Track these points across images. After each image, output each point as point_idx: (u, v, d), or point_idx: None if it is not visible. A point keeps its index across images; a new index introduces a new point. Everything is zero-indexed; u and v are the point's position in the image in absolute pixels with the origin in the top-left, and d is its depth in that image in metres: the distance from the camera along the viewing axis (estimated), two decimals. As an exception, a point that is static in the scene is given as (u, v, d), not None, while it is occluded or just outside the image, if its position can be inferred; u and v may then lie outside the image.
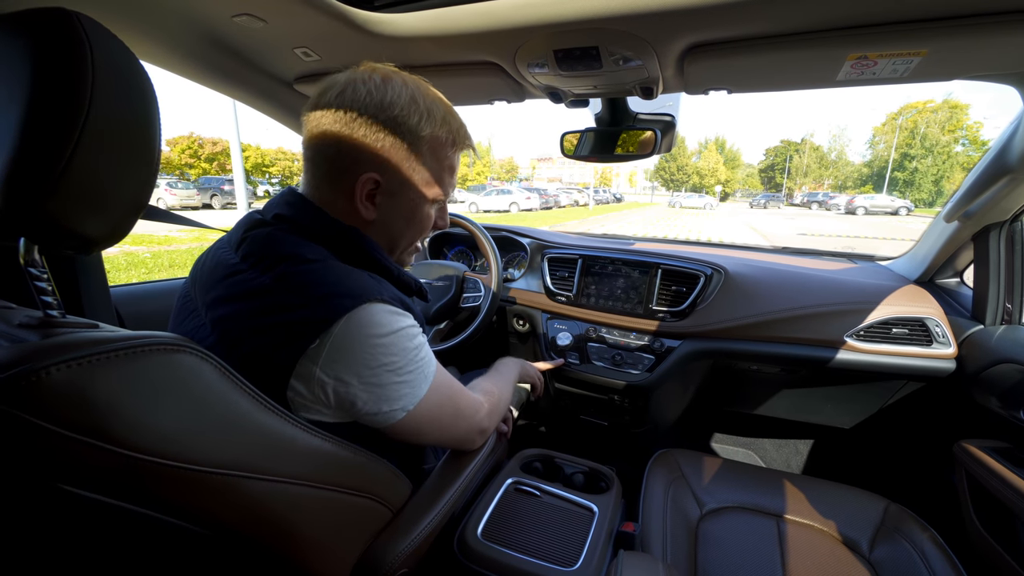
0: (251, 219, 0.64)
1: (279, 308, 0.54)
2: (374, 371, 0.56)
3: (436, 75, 0.98)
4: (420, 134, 0.63)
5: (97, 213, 0.42)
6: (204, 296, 0.61)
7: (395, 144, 0.62)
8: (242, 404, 0.47)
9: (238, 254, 0.60)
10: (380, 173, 0.62)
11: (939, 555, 0.85)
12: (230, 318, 0.56)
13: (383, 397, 0.57)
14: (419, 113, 0.62)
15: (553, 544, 0.79)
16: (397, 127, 0.61)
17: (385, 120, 0.60)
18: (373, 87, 0.60)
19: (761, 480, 1.07)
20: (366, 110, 0.60)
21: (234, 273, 0.59)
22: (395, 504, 0.71)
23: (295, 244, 0.59)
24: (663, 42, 0.77)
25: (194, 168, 23.76)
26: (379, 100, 0.60)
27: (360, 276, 0.59)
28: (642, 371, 1.28)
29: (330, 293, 0.54)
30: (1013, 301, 1.09)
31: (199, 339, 0.58)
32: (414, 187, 0.66)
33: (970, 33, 0.65)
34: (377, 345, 0.56)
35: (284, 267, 0.56)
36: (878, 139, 51.29)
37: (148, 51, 0.92)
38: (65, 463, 0.36)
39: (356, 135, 0.60)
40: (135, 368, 0.39)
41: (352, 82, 0.61)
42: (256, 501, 0.48)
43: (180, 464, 0.41)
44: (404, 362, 0.58)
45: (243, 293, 0.56)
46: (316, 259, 0.58)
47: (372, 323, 0.56)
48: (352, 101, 0.60)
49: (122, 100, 0.41)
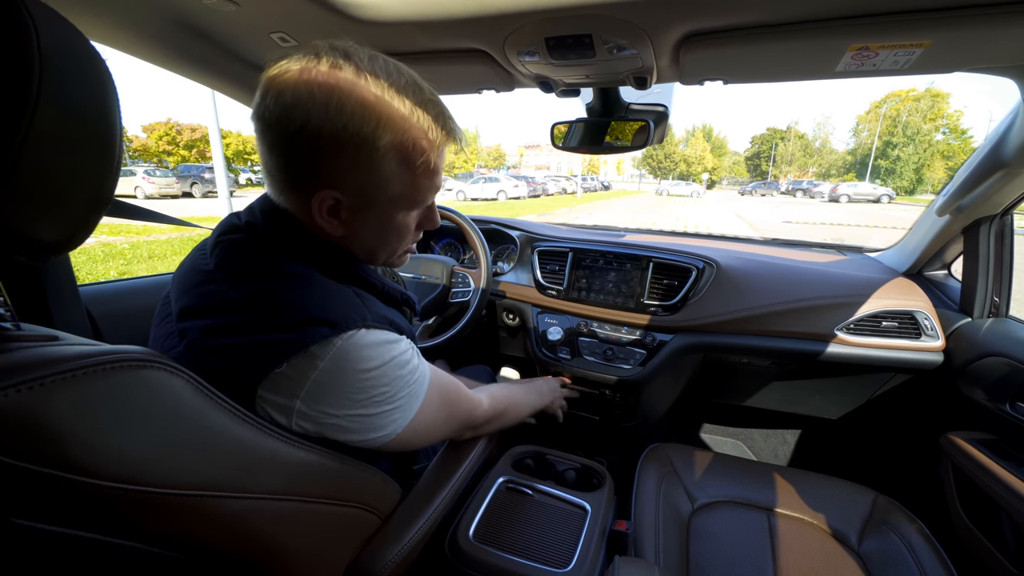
0: (228, 222, 0.60)
1: (247, 328, 0.50)
2: (363, 404, 0.53)
3: (421, 63, 0.94)
4: (376, 144, 0.52)
5: (52, 216, 0.38)
6: (177, 303, 0.57)
7: (348, 160, 0.52)
8: (218, 420, 0.44)
9: (212, 259, 0.56)
10: (338, 191, 0.54)
11: (926, 547, 0.86)
12: (197, 330, 0.52)
13: (372, 426, 0.55)
14: (373, 120, 0.51)
15: (546, 544, 0.78)
16: (347, 139, 0.50)
17: (332, 132, 0.50)
18: (316, 88, 0.49)
19: (752, 474, 1.07)
20: (309, 115, 0.49)
21: (206, 282, 0.55)
22: (384, 511, 0.69)
23: (270, 256, 0.55)
24: (659, 30, 0.74)
25: (172, 155, 23.19)
26: (322, 103, 0.49)
27: (343, 295, 0.55)
28: (634, 366, 1.27)
29: (305, 319, 0.50)
30: (1001, 294, 1.10)
31: (169, 346, 0.55)
32: (382, 202, 0.57)
33: (974, 24, 0.64)
34: (367, 379, 0.52)
35: (257, 282, 0.52)
36: (862, 127, 51.94)
37: (111, 35, 0.86)
38: (20, 496, 0.33)
39: (302, 149, 0.51)
40: (97, 388, 0.36)
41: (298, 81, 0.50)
42: (236, 520, 0.46)
43: (151, 489, 0.38)
44: (395, 390, 0.56)
45: (212, 306, 0.53)
46: (294, 275, 0.53)
47: (360, 357, 0.52)
48: (293, 105, 0.49)
49: (75, 89, 0.37)
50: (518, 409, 0.96)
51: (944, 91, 44.38)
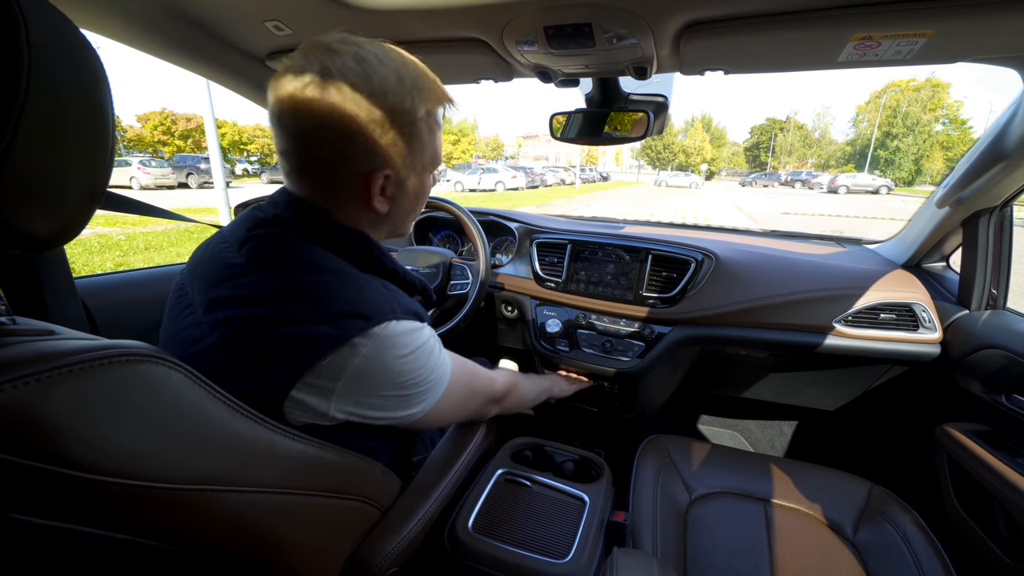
0: (254, 217, 0.60)
1: (288, 319, 0.52)
2: (398, 386, 0.57)
3: (419, 51, 0.91)
4: (416, 115, 0.59)
5: (45, 209, 0.37)
6: (203, 295, 0.58)
7: (396, 135, 0.57)
8: (216, 414, 0.44)
9: (242, 254, 0.57)
10: (392, 167, 0.59)
11: (921, 537, 0.87)
12: (232, 321, 0.54)
13: (405, 405, 0.59)
14: (409, 93, 0.57)
15: (545, 536, 0.78)
16: (394, 117, 0.56)
17: (382, 113, 0.55)
18: (353, 74, 0.53)
19: (749, 465, 1.08)
20: (357, 105, 0.53)
21: (239, 275, 0.56)
22: (384, 503, 0.69)
23: (304, 250, 0.57)
24: (659, 19, 0.73)
25: (168, 145, 22.97)
26: (368, 90, 0.54)
27: (373, 288, 0.58)
28: (632, 358, 1.27)
29: (342, 312, 0.53)
30: (999, 286, 1.10)
31: (194, 337, 0.56)
32: (419, 168, 0.64)
33: (978, 14, 0.63)
34: (402, 363, 0.57)
35: (294, 276, 0.54)
36: (861, 118, 51.68)
37: (102, 24, 0.85)
38: (17, 492, 0.33)
39: (357, 137, 0.55)
40: (94, 383, 0.36)
41: (327, 71, 0.53)
42: (235, 514, 0.46)
43: (151, 484, 0.38)
44: (427, 372, 0.60)
45: (249, 297, 0.54)
46: (330, 268, 0.56)
47: (395, 344, 0.56)
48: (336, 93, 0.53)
49: (65, 81, 0.37)
50: (522, 388, 0.99)
51: (944, 81, 44.11)
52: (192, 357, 0.54)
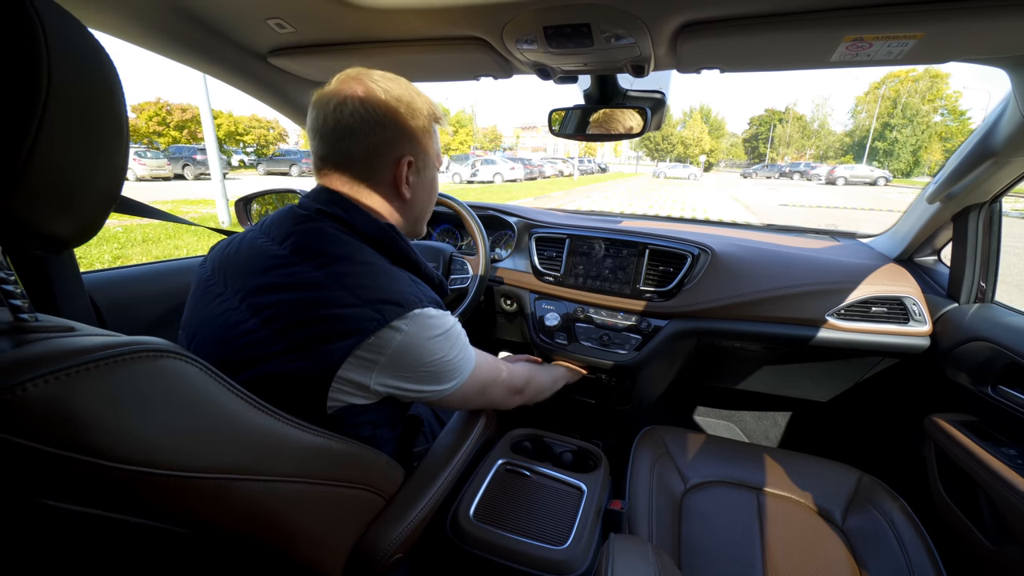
0: (296, 214, 0.68)
1: (333, 302, 0.58)
2: (433, 364, 0.65)
3: (419, 50, 0.94)
4: (425, 111, 0.71)
5: (64, 209, 0.39)
6: (243, 283, 0.64)
7: (417, 123, 0.70)
8: (231, 406, 0.46)
9: (286, 247, 0.64)
10: (413, 154, 0.70)
11: (906, 523, 0.90)
12: (280, 304, 0.59)
13: (436, 380, 0.67)
14: (419, 97, 0.71)
15: (544, 523, 0.81)
16: (413, 113, 0.69)
17: (404, 107, 0.68)
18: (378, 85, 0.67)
19: (742, 455, 1.11)
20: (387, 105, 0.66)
21: (285, 265, 0.62)
22: (388, 492, 0.71)
23: (347, 244, 0.64)
24: (657, 20, 0.75)
25: (163, 136, 22.67)
26: (393, 95, 0.67)
27: (403, 281, 0.66)
28: (629, 351, 1.29)
29: (379, 299, 0.60)
30: (987, 280, 1.13)
31: (233, 322, 0.61)
32: (430, 158, 0.75)
33: (966, 17, 0.64)
34: (434, 343, 0.64)
35: (337, 265, 0.61)
36: (860, 109, 51.41)
37: (106, 22, 0.85)
38: (48, 479, 0.35)
39: (388, 127, 0.67)
40: (117, 377, 0.38)
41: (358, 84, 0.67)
42: (250, 501, 0.48)
43: (170, 472, 0.40)
44: (456, 351, 0.69)
45: (295, 284, 0.60)
46: (366, 261, 0.64)
47: (430, 326, 0.64)
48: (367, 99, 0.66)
49: (81, 85, 0.38)
50: (539, 376, 1.05)
51: (944, 71, 43.94)
52: (231, 340, 0.60)
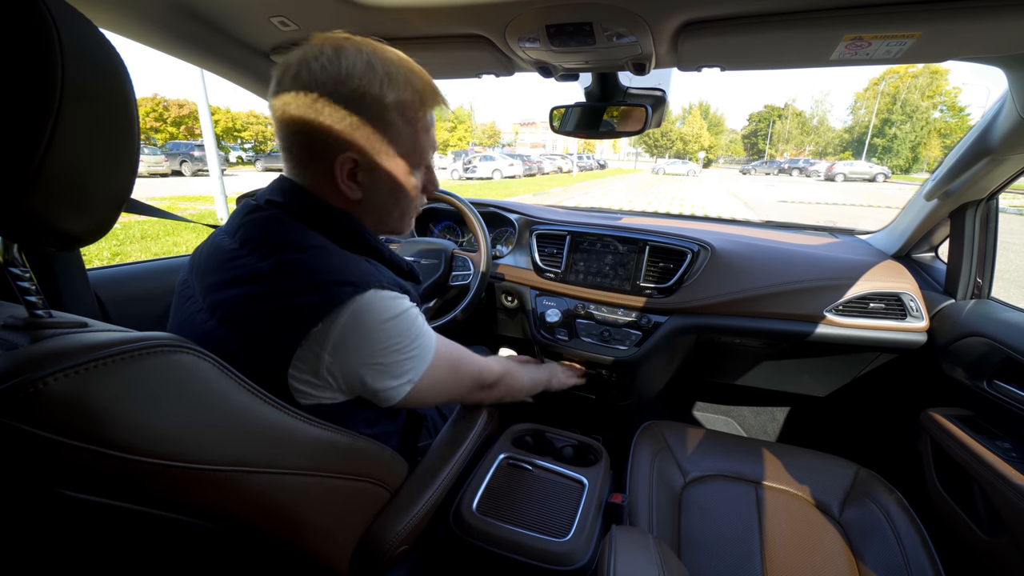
0: (246, 206, 0.64)
1: (280, 293, 0.55)
2: (381, 352, 0.58)
3: (421, 48, 0.94)
4: (384, 101, 0.60)
5: (78, 207, 0.40)
6: (203, 281, 0.61)
7: (362, 119, 0.60)
8: (241, 400, 0.47)
9: (236, 239, 0.61)
10: (355, 152, 0.61)
11: (903, 515, 0.91)
12: (230, 301, 0.57)
13: (390, 374, 0.60)
14: (378, 80, 0.59)
15: (546, 516, 0.82)
16: (359, 99, 0.59)
17: (346, 95, 0.58)
18: (326, 61, 0.57)
19: (741, 449, 1.12)
20: (324, 87, 0.57)
21: (234, 258, 0.59)
22: (393, 485, 0.72)
23: (293, 230, 0.60)
24: (658, 18, 0.75)
25: (160, 132, 22.61)
26: (335, 74, 0.57)
27: (358, 262, 0.60)
28: (629, 347, 1.30)
29: (331, 280, 0.55)
30: (984, 276, 1.14)
31: (198, 322, 0.59)
32: (393, 157, 0.64)
33: (963, 17, 0.65)
34: (383, 329, 0.58)
35: (283, 254, 0.57)
36: (859, 105, 51.43)
37: (112, 20, 0.86)
38: (66, 470, 0.36)
39: (321, 117, 0.58)
40: (132, 372, 0.39)
41: (305, 60, 0.58)
42: (260, 493, 0.49)
43: (183, 464, 0.41)
44: (408, 341, 0.61)
45: (244, 277, 0.57)
46: (314, 245, 0.59)
47: (376, 309, 0.58)
48: (309, 81, 0.57)
49: (95, 85, 0.39)
50: (517, 375, 0.97)
51: (943, 68, 43.83)
52: (200, 338, 0.56)
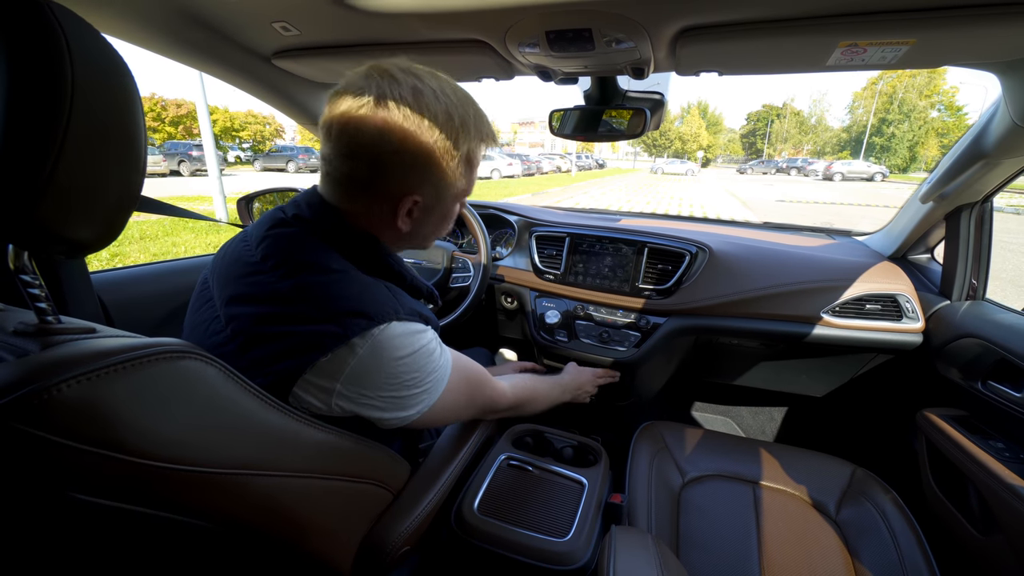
0: (274, 217, 0.64)
1: (296, 318, 0.55)
2: (395, 387, 0.58)
3: (422, 52, 0.95)
4: (460, 148, 0.61)
5: (87, 215, 0.40)
6: (221, 290, 0.61)
7: (436, 169, 0.60)
8: (248, 405, 0.48)
9: (258, 252, 0.60)
10: (422, 195, 0.62)
11: (898, 515, 0.92)
12: (245, 317, 0.57)
13: (402, 406, 0.61)
14: (456, 132, 0.60)
15: (546, 516, 0.83)
16: (437, 152, 0.59)
17: (428, 144, 0.58)
18: (406, 104, 0.56)
19: (739, 449, 1.13)
20: (405, 135, 0.56)
21: (254, 273, 0.59)
22: (395, 487, 0.73)
23: (316, 250, 0.59)
24: (656, 24, 0.76)
25: (158, 132, 22.54)
26: (416, 122, 0.56)
27: (378, 290, 0.60)
28: (628, 348, 1.31)
29: (347, 311, 0.55)
30: (979, 278, 1.15)
31: (213, 331, 0.60)
32: (450, 196, 0.66)
33: (956, 24, 0.66)
34: (399, 365, 0.58)
35: (304, 276, 0.57)
36: (857, 104, 51.45)
37: (114, 25, 0.86)
38: (77, 473, 0.37)
39: (397, 163, 0.58)
40: (142, 378, 0.39)
41: (382, 96, 0.56)
42: (266, 496, 0.50)
43: (191, 467, 0.42)
44: (424, 375, 0.61)
45: (262, 296, 0.57)
46: (337, 270, 0.58)
47: (394, 345, 0.57)
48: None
49: (103, 93, 0.39)
50: (537, 403, 0.99)
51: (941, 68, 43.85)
52: (212, 348, 0.55)
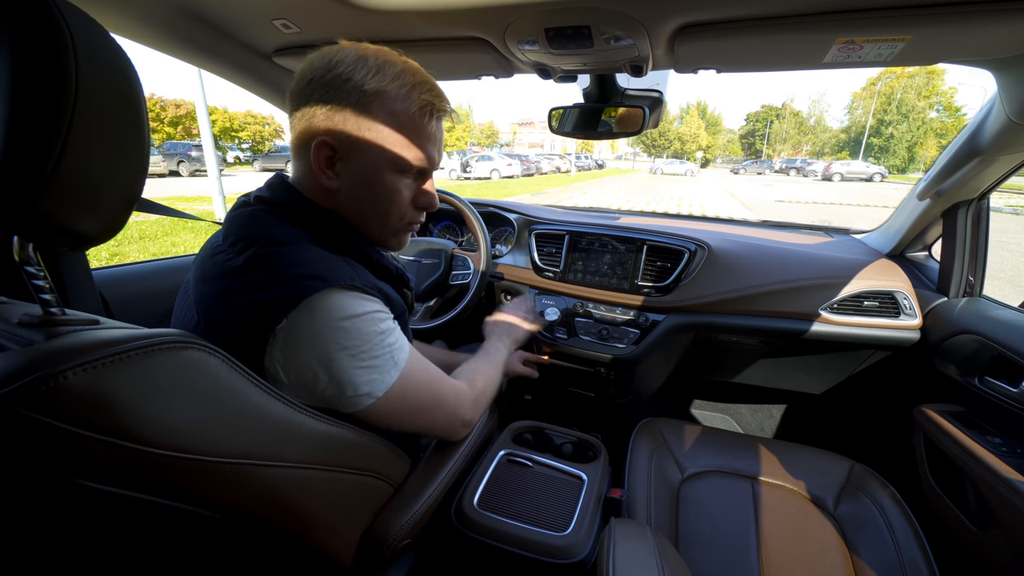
0: (239, 200, 0.65)
1: (249, 288, 0.54)
2: (332, 355, 0.55)
3: (422, 50, 0.95)
4: (364, 88, 0.59)
5: (91, 208, 0.41)
6: (193, 277, 0.62)
7: (341, 103, 0.59)
8: (250, 395, 0.48)
9: (221, 235, 0.62)
10: (331, 136, 0.60)
11: (896, 510, 0.92)
12: (208, 297, 0.57)
13: (344, 382, 0.56)
14: (365, 68, 0.59)
15: (546, 511, 0.83)
16: (341, 85, 0.58)
17: (330, 80, 0.59)
18: (324, 55, 0.60)
19: (738, 445, 1.13)
20: (314, 74, 0.59)
21: (215, 254, 0.59)
22: (396, 480, 0.74)
23: (273, 226, 0.59)
24: (655, 22, 0.77)
25: (157, 132, 22.54)
26: (325, 63, 0.59)
27: (334, 261, 0.58)
28: (628, 345, 1.32)
29: (298, 275, 0.54)
30: (975, 274, 1.16)
31: (188, 317, 0.60)
32: (372, 149, 0.61)
33: (952, 21, 0.67)
34: (336, 328, 0.54)
35: (256, 248, 0.56)
36: (856, 105, 51.59)
37: (116, 23, 0.87)
38: (83, 460, 0.37)
39: (308, 102, 0.60)
40: (146, 367, 0.40)
41: (310, 59, 0.61)
42: (267, 486, 0.50)
43: (194, 456, 0.43)
44: (367, 347, 0.57)
45: (220, 274, 0.57)
46: (288, 240, 0.57)
47: (333, 306, 0.55)
48: (305, 71, 0.60)
49: (107, 88, 0.40)
50: (490, 380, 0.90)
51: (939, 68, 44.01)
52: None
